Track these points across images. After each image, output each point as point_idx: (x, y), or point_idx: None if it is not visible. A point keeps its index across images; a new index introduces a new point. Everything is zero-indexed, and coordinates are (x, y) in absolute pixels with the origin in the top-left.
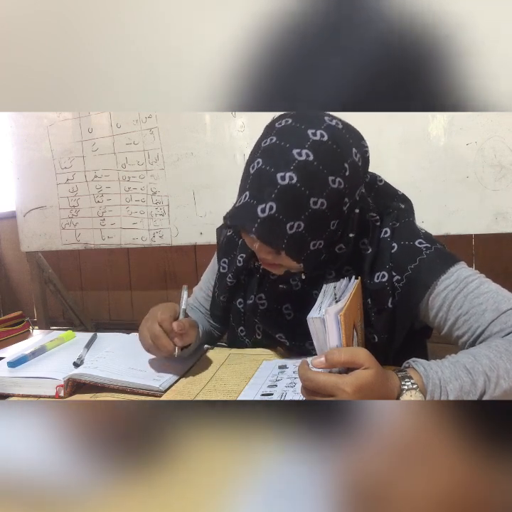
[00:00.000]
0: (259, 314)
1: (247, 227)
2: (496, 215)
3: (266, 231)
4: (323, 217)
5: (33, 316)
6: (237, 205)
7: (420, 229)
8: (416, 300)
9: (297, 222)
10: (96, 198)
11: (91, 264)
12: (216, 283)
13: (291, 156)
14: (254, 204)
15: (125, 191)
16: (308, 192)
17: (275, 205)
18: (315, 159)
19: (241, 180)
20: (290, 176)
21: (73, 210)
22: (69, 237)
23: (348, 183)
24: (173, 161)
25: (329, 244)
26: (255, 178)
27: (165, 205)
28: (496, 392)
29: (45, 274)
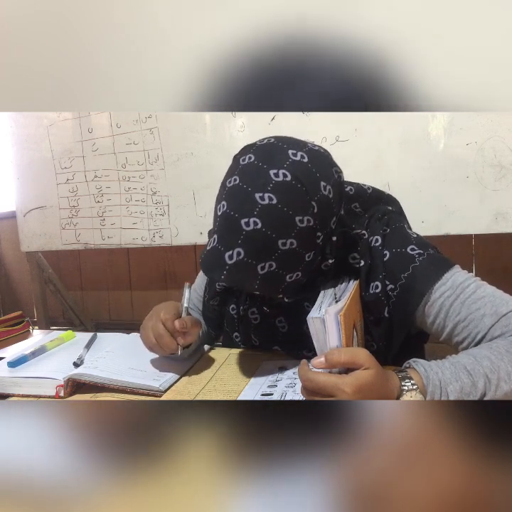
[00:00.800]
0: (252, 328)
1: (217, 275)
2: (496, 215)
3: (235, 277)
4: (295, 254)
5: (33, 316)
6: (208, 248)
7: (411, 233)
8: (411, 308)
9: (268, 263)
10: (96, 198)
11: (91, 264)
12: (206, 287)
13: (254, 201)
14: (222, 250)
15: (125, 191)
16: (275, 235)
17: (243, 250)
18: (279, 202)
19: (213, 216)
20: (254, 221)
21: (73, 210)
22: (69, 237)
23: (318, 219)
24: (173, 161)
25: (308, 272)
26: (222, 222)
27: (165, 205)
28: (497, 394)
29: (45, 274)
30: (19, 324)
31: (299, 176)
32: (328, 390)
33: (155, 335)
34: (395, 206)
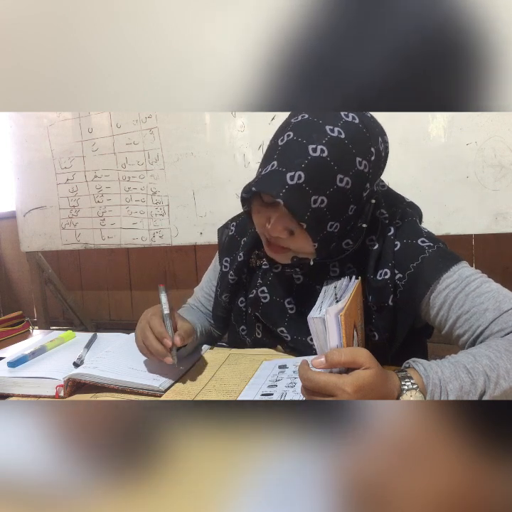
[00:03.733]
0: (261, 308)
1: (275, 191)
2: (496, 215)
3: (292, 198)
4: (345, 198)
5: (33, 316)
6: (263, 173)
7: (423, 228)
8: (418, 298)
9: (321, 197)
10: (96, 198)
11: (91, 264)
12: (218, 282)
13: (324, 131)
14: (283, 171)
15: (125, 191)
16: (337, 168)
17: (304, 175)
18: (346, 138)
19: (265, 153)
20: (322, 148)
21: (73, 210)
22: (69, 237)
23: (372, 168)
24: (173, 161)
25: (342, 232)
26: (285, 149)
27: (165, 205)
28: (496, 392)
29: (45, 274)
30: (19, 324)
31: (365, 122)
32: (329, 389)
33: (143, 340)
34: (414, 211)
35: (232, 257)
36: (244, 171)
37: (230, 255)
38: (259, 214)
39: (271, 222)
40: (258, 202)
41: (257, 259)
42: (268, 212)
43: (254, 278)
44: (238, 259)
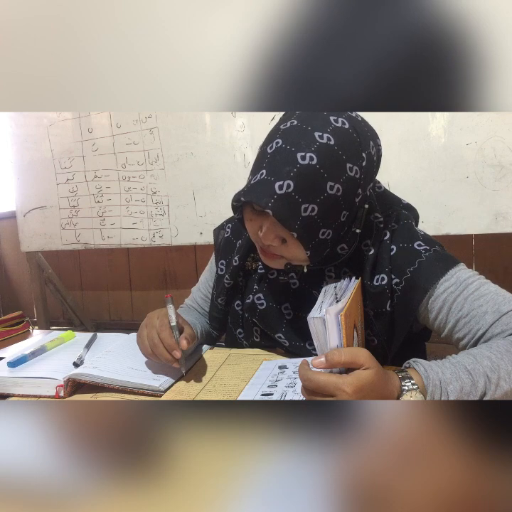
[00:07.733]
0: (257, 314)
1: (263, 202)
2: (496, 215)
3: (281, 208)
4: (337, 205)
5: (33, 316)
6: (252, 182)
7: (419, 231)
8: (415, 303)
9: (311, 206)
10: (96, 198)
11: (91, 264)
12: (214, 285)
13: (313, 138)
14: (271, 180)
15: (125, 191)
16: (327, 175)
17: (293, 183)
18: (336, 144)
19: (255, 161)
20: (310, 156)
21: (73, 210)
22: (69, 237)
23: (363, 174)
24: (173, 161)
25: (335, 239)
26: (274, 156)
27: (165, 205)
28: (497, 393)
29: (45, 274)
30: (19, 324)
31: (356, 127)
32: (329, 389)
33: (151, 345)
34: (411, 213)
35: (227, 259)
36: (244, 171)
37: (226, 258)
38: (251, 222)
39: (262, 230)
40: (249, 209)
41: (253, 262)
42: (260, 220)
43: (250, 282)
44: (234, 263)
